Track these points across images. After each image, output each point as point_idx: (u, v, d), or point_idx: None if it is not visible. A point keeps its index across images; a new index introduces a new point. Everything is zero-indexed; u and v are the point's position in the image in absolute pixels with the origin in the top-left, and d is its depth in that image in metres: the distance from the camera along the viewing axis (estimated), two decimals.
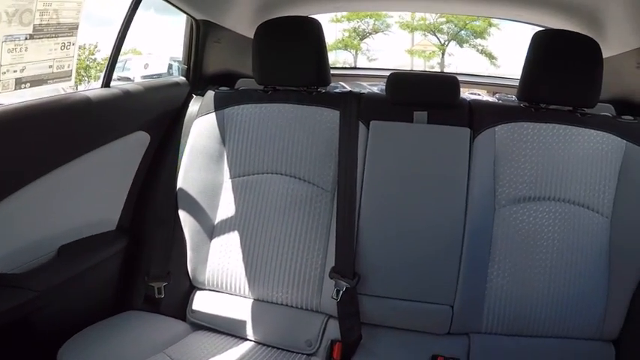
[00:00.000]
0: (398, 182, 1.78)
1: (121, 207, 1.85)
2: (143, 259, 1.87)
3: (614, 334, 1.72)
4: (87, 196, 1.70)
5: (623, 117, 1.83)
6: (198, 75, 2.17)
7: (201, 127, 1.89)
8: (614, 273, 1.70)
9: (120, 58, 1.79)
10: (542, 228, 1.72)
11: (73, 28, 1.55)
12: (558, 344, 1.72)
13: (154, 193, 1.89)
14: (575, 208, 1.73)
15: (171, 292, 1.86)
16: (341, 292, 1.72)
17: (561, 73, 1.74)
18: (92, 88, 1.77)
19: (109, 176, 1.77)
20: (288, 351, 1.76)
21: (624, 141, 1.73)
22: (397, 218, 1.76)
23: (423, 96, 1.86)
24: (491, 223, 1.73)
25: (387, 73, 1.92)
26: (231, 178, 1.86)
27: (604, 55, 1.75)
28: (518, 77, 1.84)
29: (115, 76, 1.76)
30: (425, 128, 1.82)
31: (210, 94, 1.95)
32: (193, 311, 1.86)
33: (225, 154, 1.87)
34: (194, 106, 1.98)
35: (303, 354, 1.75)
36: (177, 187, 1.87)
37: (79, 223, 1.68)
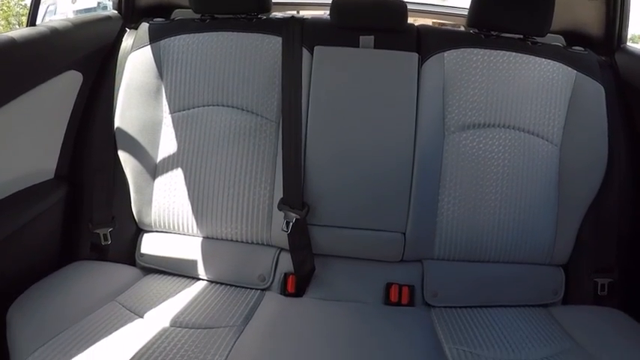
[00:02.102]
0: (344, 109, 1.74)
1: (58, 154, 1.76)
2: (85, 206, 1.79)
3: (564, 260, 1.77)
4: (19, 145, 1.59)
5: (573, 47, 1.85)
6: (131, 7, 2.04)
7: (137, 61, 1.80)
8: (563, 200, 1.73)
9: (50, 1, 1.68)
10: (492, 155, 1.73)
11: None
12: (509, 269, 1.76)
13: (91, 136, 1.80)
14: (524, 136, 1.74)
15: (117, 237, 1.80)
16: (291, 223, 1.69)
17: (512, 1, 1.74)
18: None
19: (42, 122, 1.66)
20: (242, 287, 1.74)
21: (574, 71, 1.75)
22: (345, 146, 1.73)
23: (370, 20, 1.82)
24: (441, 149, 1.73)
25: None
26: (170, 113, 1.79)
27: None
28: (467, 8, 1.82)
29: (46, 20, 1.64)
30: (371, 53, 1.79)
31: (144, 26, 1.85)
32: (142, 255, 1.81)
33: (163, 88, 1.79)
34: (128, 40, 1.87)
35: (257, 289, 1.74)
36: (115, 127, 1.78)
37: (14, 175, 1.58)
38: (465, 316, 1.67)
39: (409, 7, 1.85)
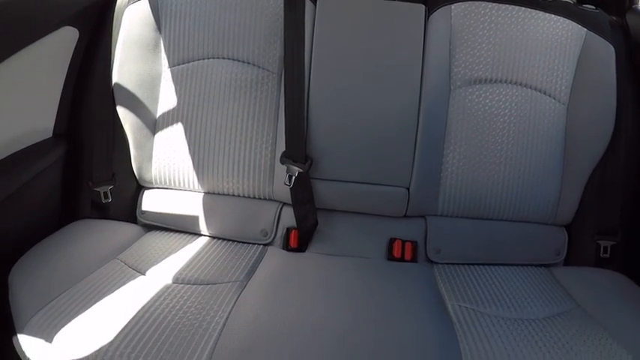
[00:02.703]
0: (348, 60, 1.70)
1: (55, 112, 1.72)
2: (85, 164, 1.76)
3: (567, 220, 1.76)
4: (16, 105, 1.56)
5: (584, 5, 1.80)
6: None
7: (134, 14, 1.75)
8: (569, 159, 1.73)
9: None
10: (499, 111, 1.71)
11: None
12: (513, 228, 1.76)
13: (89, 93, 1.76)
14: (532, 93, 1.71)
15: (118, 195, 1.79)
16: (293, 177, 1.68)
17: None
18: None
19: (38, 80, 1.62)
20: (244, 242, 1.74)
21: (584, 29, 1.72)
22: (349, 98, 1.70)
23: None
24: (446, 104, 1.70)
25: None
26: (170, 67, 1.75)
27: None
28: None
29: None
30: (377, 4, 1.74)
31: None
32: (143, 212, 1.80)
33: (161, 41, 1.75)
34: None
35: (259, 244, 1.74)
36: (113, 83, 1.75)
37: (11, 136, 1.55)
38: (467, 274, 1.67)
39: None
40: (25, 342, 1.20)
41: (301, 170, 1.68)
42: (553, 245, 1.77)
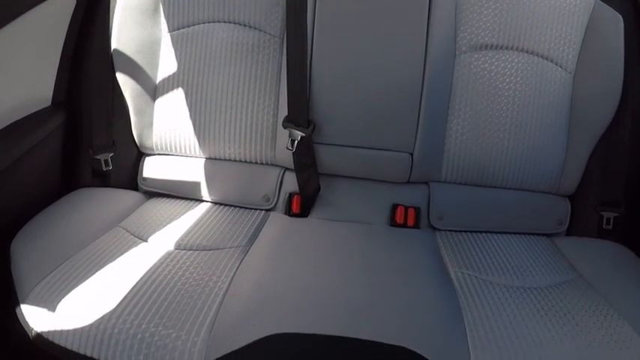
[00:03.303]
0: (352, 23, 1.67)
1: (54, 80, 1.69)
2: (85, 132, 1.75)
3: (571, 190, 1.76)
4: (13, 74, 1.53)
5: None
6: None
7: None
8: (574, 129, 1.71)
9: None
10: (504, 77, 1.69)
11: None
12: (516, 196, 1.75)
13: (88, 60, 1.74)
14: (538, 60, 1.69)
15: (119, 162, 1.78)
16: (296, 142, 1.66)
17: None
18: None
19: (35, 48, 1.59)
20: (246, 208, 1.74)
21: None
22: (352, 62, 1.67)
23: None
24: (451, 69, 1.68)
25: None
26: (169, 31, 1.73)
27: None
28: None
29: None
30: None
31: None
32: (144, 179, 1.79)
33: (161, 6, 1.72)
34: None
35: (261, 209, 1.73)
36: (112, 49, 1.73)
37: (10, 105, 1.53)
38: (469, 241, 1.67)
39: None
40: (29, 312, 1.20)
41: (304, 135, 1.66)
42: (556, 215, 1.76)
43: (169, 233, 1.53)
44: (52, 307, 1.20)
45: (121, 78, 1.74)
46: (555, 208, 1.77)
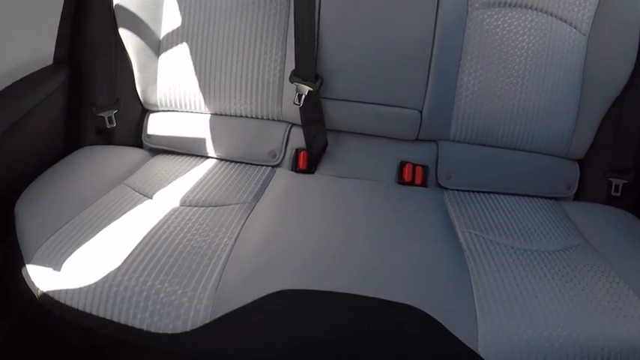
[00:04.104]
0: None
1: (55, 38, 1.67)
2: (88, 89, 1.73)
3: (580, 155, 1.75)
4: (13, 33, 1.50)
5: None
6: None
7: None
8: (586, 92, 1.69)
9: None
10: (517, 36, 1.66)
11: None
12: (525, 158, 1.74)
13: (89, 16, 1.71)
14: (552, 20, 1.66)
15: (123, 119, 1.76)
16: (303, 96, 1.64)
17: None
18: None
19: (35, 6, 1.57)
20: (253, 164, 1.73)
21: None
22: (361, 15, 1.63)
23: None
24: (463, 25, 1.65)
25: None
26: None
27: None
28: None
29: None
30: None
31: None
32: (149, 136, 1.77)
33: None
34: None
35: (268, 165, 1.72)
36: (114, 4, 1.70)
37: (11, 65, 1.50)
38: (477, 201, 1.67)
39: None
40: (34, 272, 1.20)
41: (311, 89, 1.63)
42: (564, 179, 1.76)
43: (174, 190, 1.52)
44: (57, 267, 1.19)
45: (124, 34, 1.71)
46: (564, 172, 1.76)
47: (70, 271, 1.18)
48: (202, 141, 1.74)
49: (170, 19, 1.70)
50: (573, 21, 1.67)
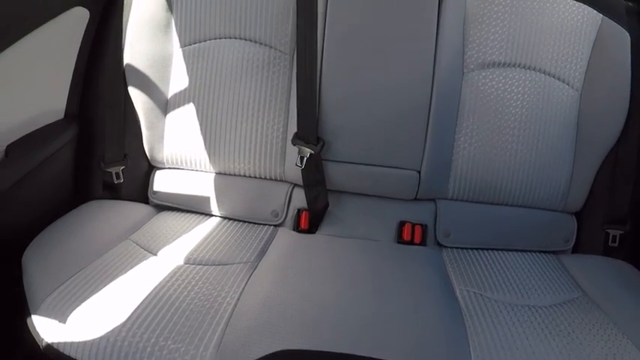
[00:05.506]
0: (361, 41, 1.68)
1: (67, 93, 1.70)
2: (97, 145, 1.76)
3: (577, 207, 1.76)
4: (28, 87, 1.54)
5: None
6: None
7: None
8: (580, 147, 1.72)
9: None
10: (512, 95, 1.70)
11: None
12: (523, 213, 1.76)
13: (100, 74, 1.75)
14: (545, 78, 1.70)
15: (130, 175, 1.79)
16: (305, 158, 1.67)
17: None
18: None
19: (49, 62, 1.61)
20: (255, 223, 1.75)
21: (600, 15, 1.69)
22: (361, 80, 1.68)
23: None
24: (459, 87, 1.69)
25: None
26: (181, 47, 1.74)
27: None
28: None
29: None
30: None
31: None
32: (155, 192, 1.80)
33: (172, 21, 1.74)
34: None
35: (270, 225, 1.74)
36: (125, 64, 1.74)
37: (24, 118, 1.54)
38: (476, 258, 1.68)
39: None
40: (40, 323, 1.21)
41: (313, 152, 1.67)
42: (562, 232, 1.77)
43: (179, 247, 1.54)
44: (62, 319, 1.21)
45: (133, 92, 1.75)
46: (562, 225, 1.77)
47: (75, 324, 1.20)
48: (207, 199, 1.76)
49: (178, 80, 1.75)
50: (566, 78, 1.71)
